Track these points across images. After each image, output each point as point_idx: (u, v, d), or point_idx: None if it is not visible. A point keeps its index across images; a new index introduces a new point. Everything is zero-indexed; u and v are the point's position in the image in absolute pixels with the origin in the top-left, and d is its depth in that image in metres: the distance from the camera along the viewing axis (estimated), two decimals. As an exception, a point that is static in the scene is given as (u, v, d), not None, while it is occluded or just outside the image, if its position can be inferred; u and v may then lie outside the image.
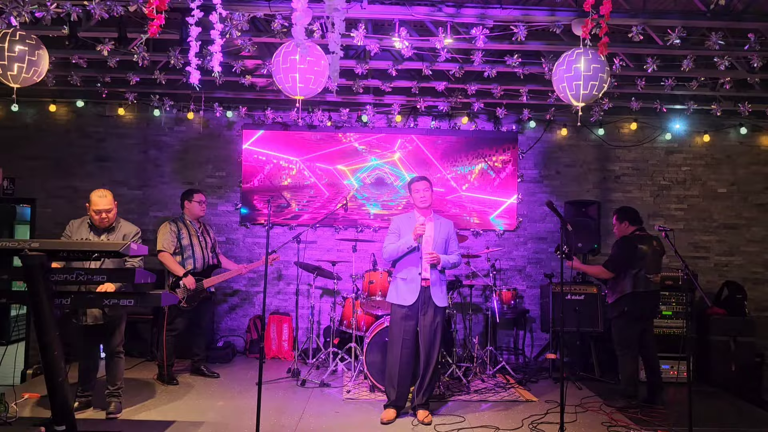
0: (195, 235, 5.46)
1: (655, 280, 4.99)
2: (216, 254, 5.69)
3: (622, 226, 5.11)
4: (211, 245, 5.60)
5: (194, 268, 5.38)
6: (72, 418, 3.37)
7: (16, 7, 4.16)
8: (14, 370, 4.94)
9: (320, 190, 6.97)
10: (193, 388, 5.26)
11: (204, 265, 5.47)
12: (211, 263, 5.56)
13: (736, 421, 4.81)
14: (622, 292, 4.97)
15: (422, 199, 4.57)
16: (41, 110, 6.91)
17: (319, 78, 3.85)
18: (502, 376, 5.84)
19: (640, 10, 4.53)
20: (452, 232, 4.70)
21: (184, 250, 5.37)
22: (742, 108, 6.13)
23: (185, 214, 5.54)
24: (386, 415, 4.45)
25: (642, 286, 4.92)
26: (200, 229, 5.56)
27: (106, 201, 4.29)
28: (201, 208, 5.56)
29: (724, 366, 5.97)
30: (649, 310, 5.08)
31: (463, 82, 5.95)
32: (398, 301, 4.51)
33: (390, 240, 4.58)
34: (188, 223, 5.48)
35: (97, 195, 4.29)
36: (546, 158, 7.13)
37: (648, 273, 4.93)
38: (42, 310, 3.20)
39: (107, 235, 4.35)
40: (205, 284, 5.45)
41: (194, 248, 5.41)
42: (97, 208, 4.27)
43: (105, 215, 4.29)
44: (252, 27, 4.96)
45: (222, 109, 6.78)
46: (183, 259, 5.35)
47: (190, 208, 5.52)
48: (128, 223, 4.52)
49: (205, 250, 5.51)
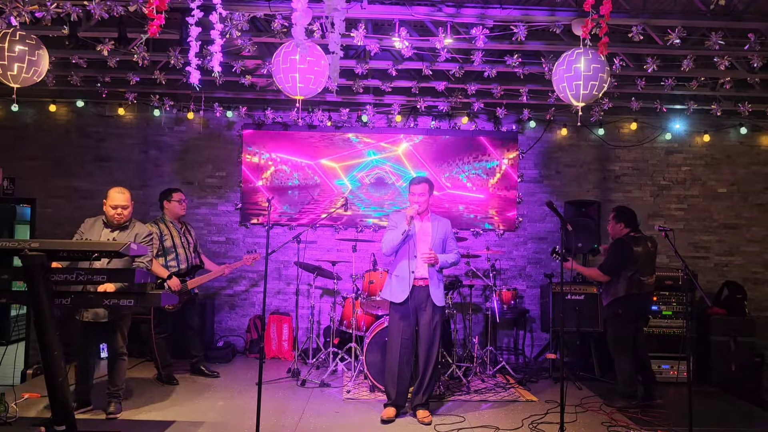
0: (178, 236, 5.41)
1: (649, 282, 4.98)
2: (198, 254, 5.66)
3: (617, 227, 5.09)
4: (193, 245, 5.57)
5: (178, 269, 5.34)
6: (72, 418, 3.37)
7: (16, 7, 4.16)
8: (14, 370, 4.94)
9: (320, 190, 6.97)
10: (193, 388, 5.26)
11: (188, 266, 5.44)
12: (194, 263, 5.54)
13: (736, 421, 4.81)
14: (615, 294, 4.96)
15: (418, 202, 4.52)
16: (41, 110, 6.91)
17: (319, 78, 3.85)
18: (502, 376, 5.84)
19: (640, 10, 4.53)
20: (450, 231, 4.70)
21: (167, 252, 5.31)
22: (742, 108, 6.13)
23: (165, 215, 5.47)
24: (386, 413, 4.46)
25: (636, 289, 4.90)
26: (182, 229, 5.51)
27: (123, 197, 4.35)
28: (181, 207, 5.49)
29: (724, 366, 5.97)
30: (643, 311, 5.08)
31: (463, 82, 5.95)
32: (390, 297, 4.53)
33: (388, 234, 4.58)
34: (170, 224, 5.42)
35: (116, 191, 4.35)
36: (546, 158, 7.13)
37: (642, 275, 4.92)
38: (42, 310, 3.21)
39: (120, 232, 4.36)
40: (189, 285, 5.42)
41: (177, 249, 5.36)
42: (114, 203, 4.30)
43: (121, 211, 4.32)
44: (252, 27, 4.96)
45: (222, 109, 6.78)
46: (166, 260, 5.29)
47: (170, 208, 5.46)
48: (141, 224, 4.55)
49: (188, 251, 5.47)
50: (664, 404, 5.02)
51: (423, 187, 4.56)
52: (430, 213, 4.70)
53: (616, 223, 5.10)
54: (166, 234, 5.35)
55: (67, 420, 3.31)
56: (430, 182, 4.64)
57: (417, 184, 4.57)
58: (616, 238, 5.09)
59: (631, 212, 5.13)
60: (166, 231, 5.37)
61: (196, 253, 5.61)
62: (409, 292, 4.45)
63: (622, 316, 4.95)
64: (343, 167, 6.97)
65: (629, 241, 4.95)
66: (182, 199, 5.52)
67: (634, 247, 4.93)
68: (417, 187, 4.56)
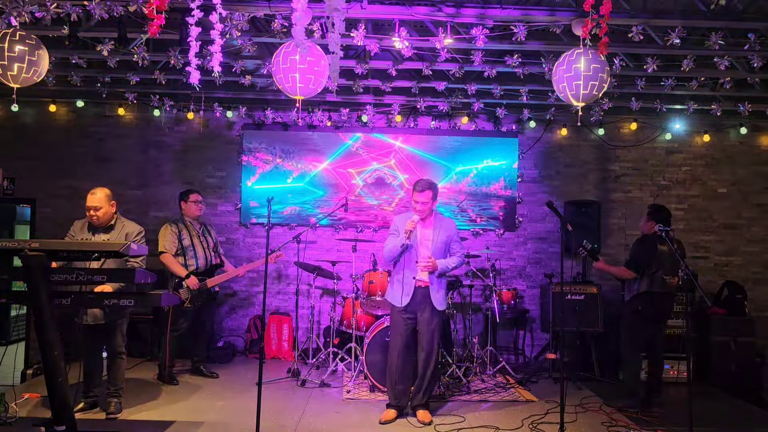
0: (196, 236, 5.47)
1: (672, 281, 4.93)
2: (219, 254, 5.69)
3: (648, 224, 4.97)
4: (213, 245, 5.61)
5: (197, 268, 5.38)
6: (72, 418, 3.37)
7: (16, 7, 4.16)
8: (14, 370, 4.93)
9: (319, 190, 6.97)
10: (193, 388, 5.26)
11: (206, 264, 5.47)
12: (214, 263, 5.57)
13: (736, 421, 4.82)
14: (637, 290, 4.92)
15: (420, 210, 4.41)
16: (41, 110, 6.91)
17: (319, 78, 3.85)
18: (502, 376, 5.84)
19: (640, 10, 4.53)
20: (454, 233, 4.59)
21: (185, 251, 5.36)
22: (742, 108, 6.13)
23: (184, 215, 5.54)
24: (385, 416, 4.46)
25: (658, 287, 4.85)
26: (201, 229, 5.56)
27: (94, 198, 4.26)
28: (198, 208, 5.54)
29: (724, 366, 5.97)
30: (664, 311, 5.03)
31: (463, 82, 5.95)
32: (393, 301, 4.52)
33: (389, 241, 4.53)
34: (188, 224, 5.48)
35: (89, 193, 4.29)
36: (546, 158, 7.13)
37: (665, 274, 4.87)
38: (42, 310, 3.21)
39: (106, 234, 4.33)
40: (209, 284, 5.45)
41: (196, 248, 5.41)
42: (87, 205, 4.27)
43: (93, 213, 4.26)
44: (252, 27, 4.96)
45: (222, 109, 6.78)
46: (185, 259, 5.35)
47: (186, 209, 5.52)
48: (131, 222, 4.50)
49: (207, 250, 5.51)
50: (664, 404, 5.01)
51: (427, 195, 4.39)
52: (434, 216, 4.57)
53: (648, 221, 4.98)
54: (184, 233, 5.38)
55: (67, 420, 3.31)
56: (434, 187, 4.47)
57: (421, 192, 4.39)
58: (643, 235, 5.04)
59: (666, 210, 4.98)
60: (184, 230, 5.40)
61: (216, 252, 5.64)
62: (410, 297, 4.44)
63: (641, 313, 4.90)
64: (350, 170, 6.98)
65: (654, 239, 4.86)
66: (198, 200, 5.56)
67: (659, 245, 4.88)
68: (421, 195, 4.38)
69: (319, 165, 6.96)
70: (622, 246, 6.96)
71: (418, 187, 4.42)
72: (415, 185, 4.46)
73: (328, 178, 6.97)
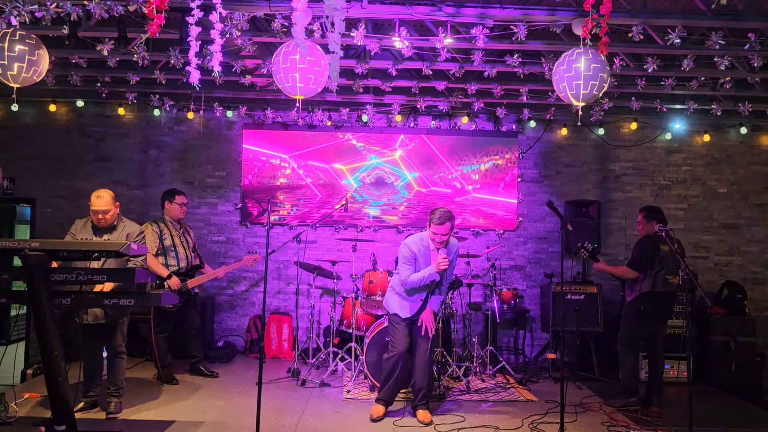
0: (177, 236, 5.43)
1: (674, 281, 4.94)
2: (198, 254, 5.67)
3: (649, 225, 4.98)
4: (192, 245, 5.58)
5: (178, 268, 5.35)
6: (72, 418, 3.37)
7: (16, 7, 4.16)
8: (14, 370, 4.93)
9: (319, 190, 6.97)
10: (193, 388, 5.26)
11: (188, 265, 5.45)
12: (194, 263, 5.55)
13: (736, 421, 4.81)
14: (640, 291, 4.91)
15: (440, 242, 4.34)
16: (41, 110, 6.91)
17: (319, 78, 3.85)
18: (502, 375, 5.83)
19: (640, 10, 4.53)
20: (457, 251, 4.65)
21: (167, 251, 5.32)
22: (742, 108, 6.13)
23: (165, 215, 5.48)
24: (376, 412, 4.48)
25: (661, 287, 4.85)
26: (181, 229, 5.52)
27: (102, 202, 4.26)
28: (181, 210, 5.50)
29: (724, 366, 5.97)
30: (665, 311, 5.03)
31: (463, 82, 5.95)
32: (398, 312, 4.54)
33: (406, 269, 4.41)
34: (169, 224, 5.43)
35: (95, 196, 4.27)
36: (546, 158, 7.13)
37: (667, 274, 4.87)
38: (42, 310, 3.21)
39: (108, 234, 4.33)
40: (189, 285, 5.42)
41: (177, 249, 5.37)
42: (94, 209, 4.26)
43: (102, 216, 4.26)
44: (252, 27, 4.96)
45: (222, 109, 6.78)
46: (166, 260, 5.31)
47: (169, 209, 5.47)
48: (132, 222, 4.51)
49: (188, 251, 5.48)
50: (664, 404, 5.01)
51: (446, 228, 4.29)
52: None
53: (648, 222, 5.00)
54: (165, 233, 5.35)
55: (67, 420, 3.31)
56: (453, 219, 4.38)
57: (440, 225, 4.28)
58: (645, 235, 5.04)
59: (659, 210, 5.06)
60: (165, 230, 5.37)
61: (195, 253, 5.62)
62: (416, 312, 4.48)
63: (643, 313, 4.89)
64: (346, 168, 6.97)
65: (656, 239, 4.87)
66: (184, 203, 5.53)
67: (661, 245, 4.88)
68: (440, 227, 4.28)
69: (319, 165, 6.96)
70: (622, 246, 6.96)
71: (438, 220, 4.30)
72: (433, 218, 4.33)
73: (328, 178, 6.97)
